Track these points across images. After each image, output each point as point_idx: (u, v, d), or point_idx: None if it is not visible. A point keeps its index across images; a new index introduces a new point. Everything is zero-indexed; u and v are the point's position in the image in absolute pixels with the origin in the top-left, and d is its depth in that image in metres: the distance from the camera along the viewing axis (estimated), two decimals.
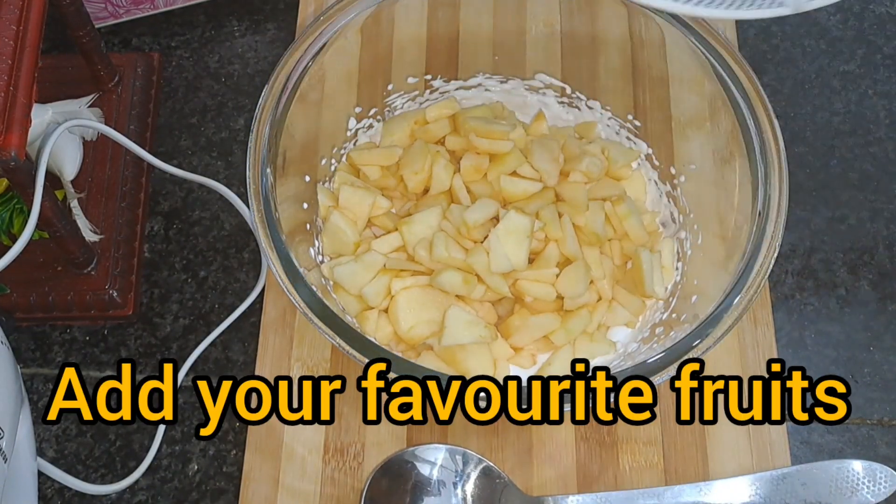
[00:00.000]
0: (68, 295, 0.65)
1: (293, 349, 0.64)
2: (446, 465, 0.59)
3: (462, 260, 0.61)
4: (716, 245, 0.62)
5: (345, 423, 0.62)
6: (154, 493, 0.62)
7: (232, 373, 0.65)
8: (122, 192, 0.68)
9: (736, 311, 0.54)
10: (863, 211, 0.70)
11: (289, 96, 0.59)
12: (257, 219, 0.56)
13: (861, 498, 0.58)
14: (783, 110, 0.73)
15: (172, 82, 0.76)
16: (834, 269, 0.68)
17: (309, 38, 0.60)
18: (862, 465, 0.59)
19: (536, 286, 0.61)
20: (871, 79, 0.75)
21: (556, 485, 0.60)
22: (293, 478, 0.61)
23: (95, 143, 0.69)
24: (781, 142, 0.58)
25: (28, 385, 0.65)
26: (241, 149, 0.73)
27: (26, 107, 0.54)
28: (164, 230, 0.70)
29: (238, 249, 0.69)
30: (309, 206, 0.64)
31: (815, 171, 0.71)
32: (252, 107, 0.73)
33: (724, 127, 0.61)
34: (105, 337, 0.67)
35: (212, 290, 0.68)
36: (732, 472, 0.60)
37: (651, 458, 0.61)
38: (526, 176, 0.65)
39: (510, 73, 0.70)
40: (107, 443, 0.63)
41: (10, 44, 0.54)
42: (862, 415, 0.63)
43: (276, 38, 0.77)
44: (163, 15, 0.78)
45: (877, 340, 0.66)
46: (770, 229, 0.56)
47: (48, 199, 0.57)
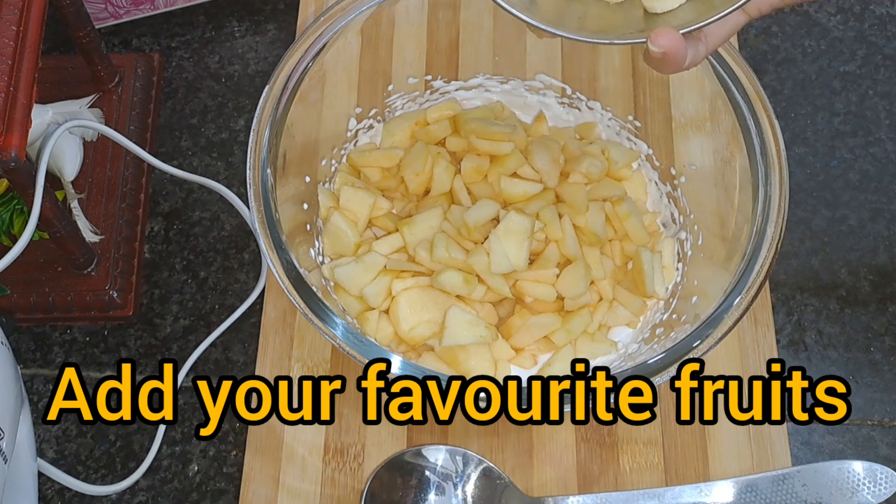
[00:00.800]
0: (68, 295, 0.65)
1: (293, 349, 0.64)
2: (446, 465, 0.59)
3: (462, 261, 0.61)
4: (716, 245, 0.62)
5: (345, 424, 0.62)
6: (154, 494, 0.62)
7: (232, 373, 0.65)
8: (123, 193, 0.68)
9: (736, 312, 0.54)
10: (863, 211, 0.70)
11: (289, 97, 0.59)
12: (258, 219, 0.56)
13: (861, 499, 0.58)
14: (783, 111, 0.73)
15: (172, 83, 0.76)
16: (834, 270, 0.68)
17: (309, 39, 0.60)
18: (862, 466, 0.59)
19: (537, 286, 0.61)
20: (872, 79, 0.75)
21: (557, 485, 0.60)
22: (293, 478, 0.61)
23: (95, 144, 0.69)
24: (782, 142, 0.58)
25: (28, 385, 0.65)
26: (241, 149, 0.73)
27: (26, 107, 0.54)
28: (164, 231, 0.70)
29: (238, 250, 0.69)
30: (309, 207, 0.64)
31: (816, 171, 0.71)
32: (252, 107, 0.73)
33: (725, 127, 0.61)
34: (105, 337, 0.67)
35: (212, 291, 0.68)
36: (733, 473, 0.60)
37: (651, 458, 0.61)
38: (526, 177, 0.65)
39: (511, 73, 0.70)
40: (107, 443, 0.63)
41: (11, 44, 0.54)
42: (862, 415, 0.63)
43: (276, 38, 0.77)
44: (163, 15, 0.78)
45: (877, 341, 0.66)
46: (770, 230, 0.56)
47: (48, 200, 0.57)
